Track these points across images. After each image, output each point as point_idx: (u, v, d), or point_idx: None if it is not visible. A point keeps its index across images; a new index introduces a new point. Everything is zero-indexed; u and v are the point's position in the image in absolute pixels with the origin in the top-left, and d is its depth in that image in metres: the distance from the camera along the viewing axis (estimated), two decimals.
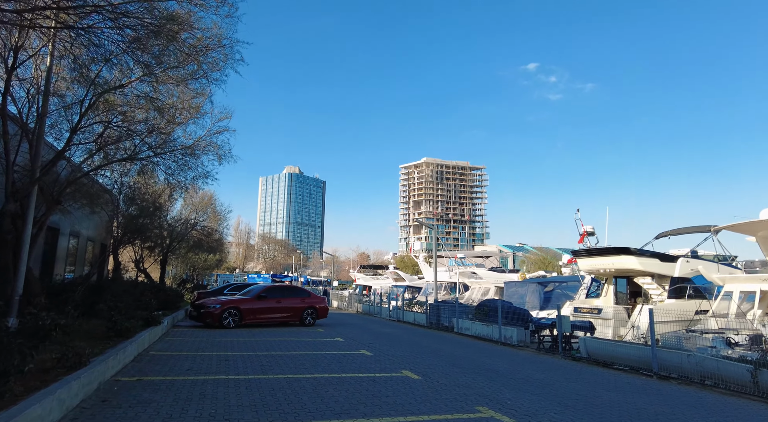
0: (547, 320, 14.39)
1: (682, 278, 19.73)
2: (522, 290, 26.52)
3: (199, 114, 10.88)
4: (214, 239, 29.27)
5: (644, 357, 10.21)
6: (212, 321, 16.45)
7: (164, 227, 22.59)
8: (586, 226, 21.14)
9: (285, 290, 19.06)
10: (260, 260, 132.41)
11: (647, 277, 20.06)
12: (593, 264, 20.91)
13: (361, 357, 10.94)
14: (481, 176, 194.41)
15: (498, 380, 8.84)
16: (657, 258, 19.67)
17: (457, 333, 18.15)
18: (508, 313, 15.87)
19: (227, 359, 9.88)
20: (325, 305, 19.49)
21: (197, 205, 25.25)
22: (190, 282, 38.04)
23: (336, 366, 9.53)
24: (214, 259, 39.50)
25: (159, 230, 21.66)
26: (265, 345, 12.30)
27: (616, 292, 22.21)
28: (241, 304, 17.24)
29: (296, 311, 18.43)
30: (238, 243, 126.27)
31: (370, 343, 13.71)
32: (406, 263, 75.57)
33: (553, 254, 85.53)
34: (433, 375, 8.91)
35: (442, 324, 19.90)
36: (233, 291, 22.93)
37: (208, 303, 16.98)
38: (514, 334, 15.04)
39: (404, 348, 12.93)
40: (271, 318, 17.84)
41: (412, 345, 14.02)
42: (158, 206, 14.93)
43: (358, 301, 33.12)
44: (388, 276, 47.41)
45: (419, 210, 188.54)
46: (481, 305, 17.97)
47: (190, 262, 34.59)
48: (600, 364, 11.30)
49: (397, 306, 24.96)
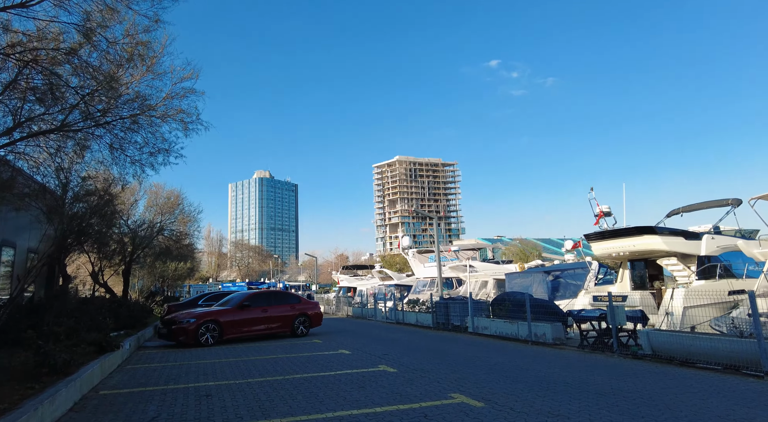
0: (589, 312, 12.32)
1: (709, 256, 18.11)
2: (527, 281, 24.54)
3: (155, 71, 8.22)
4: (184, 244, 26.13)
5: (743, 352, 8.15)
6: (186, 338, 13.67)
7: (125, 232, 19.50)
8: (602, 206, 19.26)
9: (272, 297, 16.38)
10: (234, 268, 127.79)
11: (671, 258, 18.34)
12: (610, 247, 19.04)
13: (384, 375, 8.51)
14: (453, 172, 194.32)
15: (585, 398, 6.57)
16: (681, 237, 17.95)
17: (473, 333, 15.92)
18: (535, 307, 13.74)
19: (210, 394, 7.26)
20: (318, 312, 16.92)
21: (163, 206, 22.18)
22: (159, 295, 34.58)
23: (359, 393, 7.07)
24: (185, 268, 36.08)
25: (118, 234, 18.57)
26: (258, 368, 9.70)
27: (633, 277, 20.48)
28: (221, 316, 14.51)
29: (286, 321, 15.80)
30: (210, 252, 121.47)
31: (384, 355, 11.27)
32: (388, 261, 73.29)
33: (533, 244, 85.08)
34: (497, 400, 6.56)
35: (452, 323, 17.62)
36: (209, 302, 20.04)
37: (180, 318, 14.17)
38: (548, 330, 12.89)
39: (428, 358, 10.56)
40: (257, 331, 15.17)
41: (432, 352, 11.65)
42: (109, 200, 12.07)
43: (347, 304, 30.54)
44: (374, 276, 44.92)
45: (394, 209, 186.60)
46: (500, 300, 15.77)
47: (159, 272, 31.19)
48: (674, 363, 9.22)
49: (395, 307, 22.56)
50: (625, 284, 20.45)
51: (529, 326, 13.36)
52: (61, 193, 10.67)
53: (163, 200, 22.52)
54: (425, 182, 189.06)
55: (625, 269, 20.65)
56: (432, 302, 19.09)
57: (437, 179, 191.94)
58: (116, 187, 12.43)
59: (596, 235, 19.46)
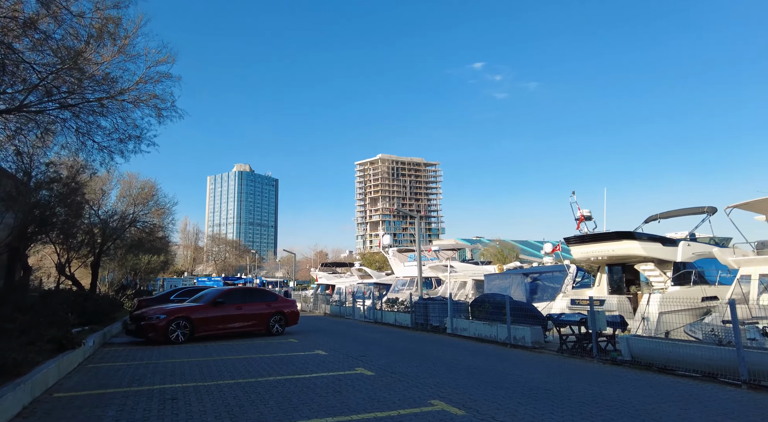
0: (569, 316, 12.25)
1: (684, 263, 18.36)
2: (505, 282, 24.53)
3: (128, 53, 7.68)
4: (157, 236, 25.27)
5: (722, 359, 8.12)
6: (156, 335, 13.11)
7: (94, 223, 18.70)
8: (583, 210, 19.31)
9: (247, 294, 15.89)
10: (210, 263, 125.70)
11: (649, 263, 18.52)
12: (589, 251, 19.12)
13: (362, 379, 8.20)
14: (435, 172, 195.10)
15: (568, 407, 6.39)
16: (659, 243, 18.13)
17: (451, 335, 15.75)
18: (515, 309, 13.62)
19: (176, 397, 6.83)
20: (295, 310, 16.50)
21: (136, 197, 21.32)
22: (131, 288, 33.52)
23: (335, 398, 6.74)
24: (159, 261, 35.05)
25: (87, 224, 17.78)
26: (229, 368, 9.27)
27: (610, 281, 20.64)
28: (193, 313, 13.97)
29: (261, 319, 15.34)
30: (186, 245, 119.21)
31: (362, 356, 10.96)
32: (368, 259, 73.01)
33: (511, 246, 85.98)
34: (479, 408, 6.32)
35: (430, 324, 17.43)
36: (182, 297, 19.41)
37: (149, 313, 13.59)
38: (528, 334, 12.77)
39: (406, 361, 10.30)
40: (230, 328, 14.67)
41: (411, 354, 11.40)
42: (75, 188, 11.40)
43: (325, 302, 30.11)
44: (353, 274, 44.53)
45: (376, 207, 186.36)
46: (479, 302, 15.63)
47: (130, 265, 30.16)
48: (653, 369, 9.16)
49: (374, 306, 22.27)
50: (602, 289, 20.59)
51: (509, 329, 13.23)
52: (23, 178, 10.01)
53: (136, 190, 21.66)
54: (407, 181, 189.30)
55: (602, 273, 20.79)
56: (411, 302, 18.86)
57: (419, 178, 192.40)
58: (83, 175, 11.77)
59: (576, 239, 19.51)
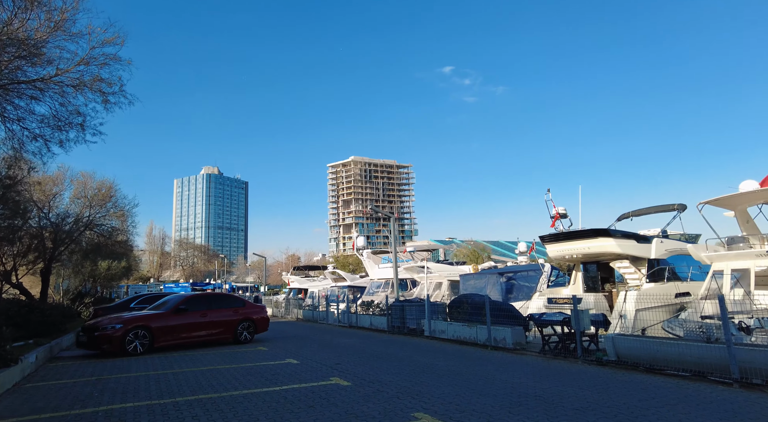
0: (551, 315, 11.88)
1: (658, 259, 18.44)
2: (480, 282, 24.28)
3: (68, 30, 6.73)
4: (117, 240, 23.75)
5: (711, 357, 7.83)
6: (111, 346, 12.02)
7: (44, 226, 17.28)
8: (558, 208, 19.17)
9: (213, 300, 14.90)
10: (178, 268, 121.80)
11: (624, 260, 18.52)
12: (564, 249, 18.99)
13: (337, 390, 7.51)
14: (408, 174, 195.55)
15: (564, 416, 5.89)
16: (634, 240, 18.14)
17: (429, 337, 15.21)
18: (495, 310, 13.20)
19: (124, 420, 5.98)
20: (264, 316, 15.60)
21: (92, 198, 19.88)
22: (89, 296, 31.61)
23: (307, 415, 6.04)
24: (120, 267, 33.21)
25: (36, 227, 16.40)
26: (190, 382, 8.41)
27: (585, 279, 20.60)
28: (153, 321, 12.93)
29: (228, 326, 14.40)
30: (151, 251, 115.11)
31: (336, 364, 10.26)
32: (342, 261, 72.01)
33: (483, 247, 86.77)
34: (467, 421, 5.74)
35: (408, 326, 16.86)
36: (143, 304, 18.19)
37: (104, 323, 12.46)
38: (509, 335, 12.35)
39: (384, 368, 9.66)
40: (194, 338, 13.68)
41: (389, 360, 10.77)
42: (10, 185, 10.21)
43: (297, 307, 29.15)
44: (326, 277, 43.60)
45: (349, 209, 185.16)
46: (457, 302, 15.15)
47: (88, 272, 28.37)
48: (639, 369, 8.84)
49: (348, 310, 21.54)
50: (577, 287, 20.51)
51: (489, 330, 12.79)
52: None
53: (92, 191, 20.20)
54: (380, 184, 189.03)
55: (578, 271, 20.73)
56: (387, 305, 18.25)
57: (392, 180, 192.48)
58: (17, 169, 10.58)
59: (551, 237, 19.36)
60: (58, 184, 19.00)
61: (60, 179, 19.11)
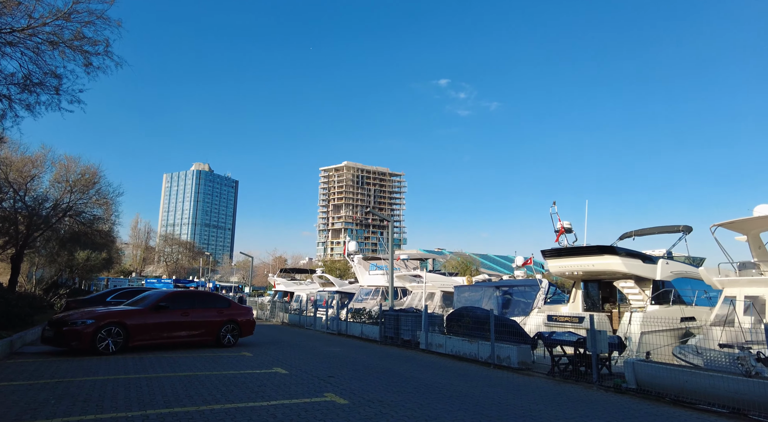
0: (560, 335, 11.04)
1: (663, 281, 17.80)
2: (476, 295, 23.44)
3: None
4: (97, 230, 22.47)
5: (752, 393, 7.03)
6: (80, 343, 10.91)
7: (18, 208, 16.09)
8: (563, 222, 18.45)
9: (195, 299, 13.81)
10: (161, 264, 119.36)
11: (628, 280, 17.84)
12: (567, 266, 18.27)
13: (334, 410, 6.56)
14: (400, 182, 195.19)
15: None
16: (639, 259, 17.49)
17: (425, 351, 14.29)
18: (498, 325, 12.35)
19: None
20: (250, 319, 14.56)
21: (74, 183, 18.66)
22: (65, 287, 30.13)
23: None
24: (100, 258, 31.77)
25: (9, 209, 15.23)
26: (165, 390, 7.38)
27: (585, 297, 19.89)
28: (129, 317, 11.84)
29: (211, 328, 13.34)
30: (135, 244, 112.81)
31: (329, 377, 9.29)
32: (329, 266, 70.79)
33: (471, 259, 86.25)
34: None
35: (401, 338, 15.91)
36: (121, 299, 17.04)
37: (73, 318, 11.33)
38: (514, 353, 11.49)
39: (383, 384, 8.73)
40: (174, 338, 12.60)
41: (387, 375, 9.83)
42: None
43: (283, 310, 28.02)
44: (314, 281, 42.45)
45: (339, 214, 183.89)
46: (457, 315, 14.26)
47: (65, 261, 26.94)
48: (666, 401, 8.02)
49: (337, 316, 20.53)
50: (577, 305, 19.79)
51: (493, 347, 11.91)
52: None
53: (75, 176, 19.02)
54: (372, 190, 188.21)
55: (578, 289, 20.03)
56: (381, 314, 17.29)
57: (383, 188, 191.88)
58: None
59: (553, 252, 18.64)
60: (37, 165, 17.79)
61: (40, 161, 17.92)
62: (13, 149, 14.07)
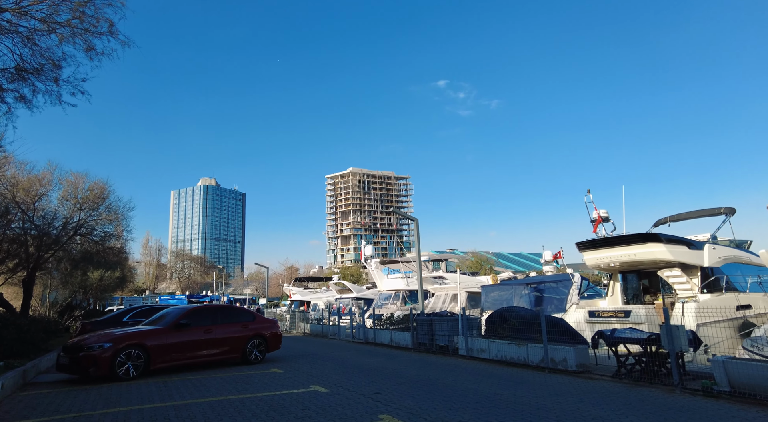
0: (621, 332, 9.97)
1: (712, 268, 16.64)
2: (506, 294, 22.36)
3: None
4: (109, 247, 21.71)
5: None
6: (98, 370, 10.01)
7: (27, 230, 15.33)
8: (599, 210, 17.38)
9: (217, 313, 12.87)
10: (174, 280, 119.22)
11: (674, 269, 16.68)
12: (606, 257, 17.18)
13: None
14: (406, 185, 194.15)
15: None
16: (685, 245, 16.34)
17: (466, 357, 13.26)
18: (551, 325, 11.30)
19: None
20: (277, 332, 13.61)
21: (83, 200, 17.92)
22: (80, 309, 29.43)
23: None
24: (114, 277, 31.07)
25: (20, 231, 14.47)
26: (196, 421, 6.44)
27: (625, 290, 18.76)
28: (148, 339, 10.94)
29: (236, 344, 12.41)
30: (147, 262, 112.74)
31: (375, 393, 8.30)
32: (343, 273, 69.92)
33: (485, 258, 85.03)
34: None
35: (437, 344, 14.90)
36: (138, 318, 16.18)
37: (89, 341, 10.45)
38: (571, 355, 10.45)
39: (438, 399, 7.72)
40: (198, 358, 11.67)
41: (436, 387, 8.83)
42: None
43: (304, 320, 27.09)
44: (331, 288, 41.52)
45: (347, 221, 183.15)
46: (499, 317, 13.22)
47: (78, 282, 26.24)
48: None
49: (363, 324, 19.56)
50: (616, 298, 18.69)
51: (546, 349, 10.87)
52: None
53: (83, 192, 18.27)
54: (378, 195, 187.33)
55: (615, 281, 18.92)
56: (412, 319, 16.29)
57: (390, 192, 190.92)
58: None
59: (589, 243, 17.57)
60: (45, 184, 17.08)
61: (47, 179, 17.22)
62: (20, 169, 13.34)
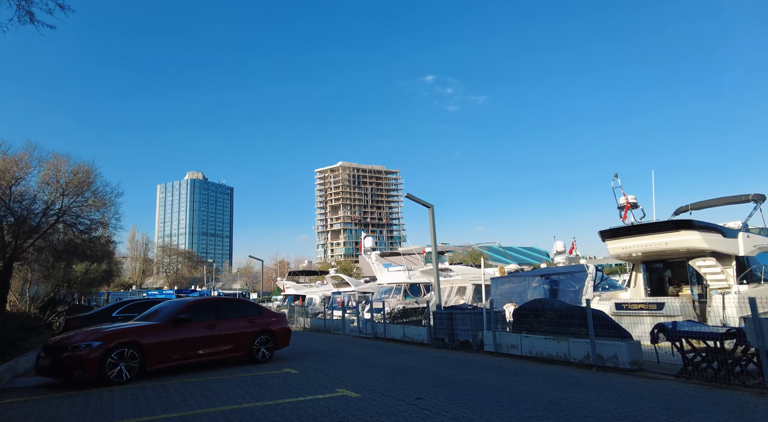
0: (683, 325, 8.86)
1: (747, 257, 15.71)
2: (519, 286, 21.35)
3: None
4: (96, 237, 20.09)
5: None
6: (85, 373, 8.59)
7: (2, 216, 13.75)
8: (628, 196, 16.32)
9: (221, 307, 11.46)
10: (161, 275, 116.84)
11: (708, 258, 15.68)
12: (632, 246, 16.17)
13: None
14: (396, 180, 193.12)
15: None
16: (720, 233, 15.35)
17: (493, 353, 12.10)
18: (596, 318, 10.17)
19: None
20: (286, 327, 12.29)
21: (66, 184, 16.26)
22: (63, 304, 27.70)
23: None
24: (100, 271, 29.34)
25: None
26: None
27: (650, 280, 17.78)
28: (144, 336, 9.55)
29: (243, 341, 11.07)
30: (134, 257, 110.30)
31: (416, 399, 7.05)
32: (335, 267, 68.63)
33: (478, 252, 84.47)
34: None
35: (458, 339, 13.72)
36: (130, 313, 14.71)
37: (75, 340, 9.00)
38: (623, 351, 9.32)
39: (490, 406, 6.52)
40: (200, 358, 10.31)
41: (481, 390, 7.63)
42: None
43: (303, 315, 25.79)
44: (327, 282, 40.30)
45: (337, 215, 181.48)
46: (531, 310, 12.03)
47: (61, 275, 24.51)
48: None
49: (372, 318, 18.33)
50: (639, 289, 17.71)
51: (593, 344, 9.73)
52: None
53: (67, 176, 16.62)
54: (368, 189, 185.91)
55: (638, 271, 17.93)
56: (429, 313, 15.08)
57: (380, 186, 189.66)
58: None
59: (613, 232, 16.54)
60: (22, 167, 15.44)
61: (26, 161, 15.59)
62: None
